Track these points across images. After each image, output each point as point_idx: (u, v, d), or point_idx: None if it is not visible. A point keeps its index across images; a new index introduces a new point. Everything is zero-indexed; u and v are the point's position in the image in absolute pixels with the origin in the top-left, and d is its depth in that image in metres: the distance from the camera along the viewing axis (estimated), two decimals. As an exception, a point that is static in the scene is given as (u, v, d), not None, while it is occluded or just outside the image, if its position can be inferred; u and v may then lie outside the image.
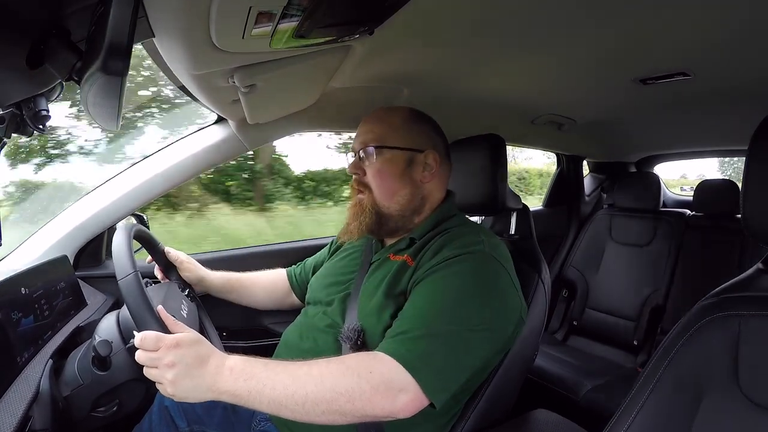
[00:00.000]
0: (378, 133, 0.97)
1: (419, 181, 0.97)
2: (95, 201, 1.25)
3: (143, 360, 0.71)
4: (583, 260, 2.38)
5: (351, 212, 0.99)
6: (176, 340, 0.71)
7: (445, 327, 0.77)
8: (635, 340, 2.06)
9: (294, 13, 0.63)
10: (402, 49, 0.98)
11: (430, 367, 0.73)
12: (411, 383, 0.72)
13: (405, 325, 0.79)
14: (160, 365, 0.70)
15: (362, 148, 0.98)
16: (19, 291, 0.86)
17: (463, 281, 0.82)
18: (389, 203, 0.96)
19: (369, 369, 0.71)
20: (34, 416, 0.71)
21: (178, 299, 0.99)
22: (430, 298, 0.82)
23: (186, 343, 0.72)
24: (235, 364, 0.72)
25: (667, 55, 1.07)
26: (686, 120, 1.84)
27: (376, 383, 0.70)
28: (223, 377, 0.71)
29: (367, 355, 0.76)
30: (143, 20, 0.64)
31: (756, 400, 0.60)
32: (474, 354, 0.79)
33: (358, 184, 0.99)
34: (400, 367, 0.72)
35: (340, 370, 0.72)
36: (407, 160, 0.96)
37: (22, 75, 0.60)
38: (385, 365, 0.72)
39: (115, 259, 0.82)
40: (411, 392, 0.72)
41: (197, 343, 0.73)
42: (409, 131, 0.98)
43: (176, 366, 0.69)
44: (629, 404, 0.70)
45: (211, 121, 1.30)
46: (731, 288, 0.70)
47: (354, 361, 0.73)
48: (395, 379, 0.71)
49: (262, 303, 1.27)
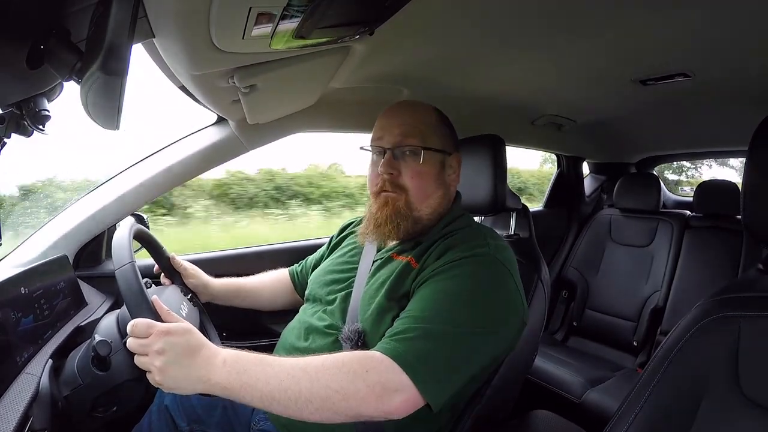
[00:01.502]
0: (419, 131, 0.92)
1: (448, 184, 0.97)
2: (95, 201, 1.25)
3: (134, 347, 0.71)
4: (583, 261, 2.38)
5: (382, 213, 0.92)
6: (167, 328, 0.71)
7: (445, 328, 0.76)
8: (635, 341, 2.06)
9: (294, 14, 0.63)
10: (402, 50, 0.98)
11: (427, 367, 0.72)
12: (407, 383, 0.71)
13: (404, 325, 0.78)
14: (149, 352, 0.69)
15: (401, 146, 0.92)
16: (18, 291, 0.86)
17: (466, 283, 0.81)
18: (421, 206, 0.93)
19: (365, 368, 0.71)
20: (33, 416, 0.71)
21: (178, 300, 0.99)
22: (431, 299, 0.80)
23: (177, 332, 0.71)
24: (228, 357, 0.71)
25: (667, 56, 1.08)
26: (686, 121, 1.84)
27: (372, 382, 0.69)
28: (215, 369, 0.70)
29: (364, 354, 0.75)
30: (143, 20, 0.63)
31: (757, 400, 0.60)
32: (473, 356, 0.78)
33: (392, 185, 0.93)
34: (397, 366, 0.71)
35: (336, 367, 0.71)
36: (441, 163, 0.95)
37: (22, 75, 0.60)
38: (382, 364, 0.72)
39: (114, 250, 0.82)
40: (406, 392, 0.71)
41: (188, 333, 0.72)
42: (443, 132, 0.96)
43: (165, 353, 0.69)
44: (629, 405, 0.70)
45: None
46: (731, 289, 0.70)
47: (350, 360, 0.73)
48: (391, 378, 0.71)
49: (267, 305, 1.27)
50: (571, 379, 1.74)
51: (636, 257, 2.22)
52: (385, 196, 0.93)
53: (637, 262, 2.21)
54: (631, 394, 0.71)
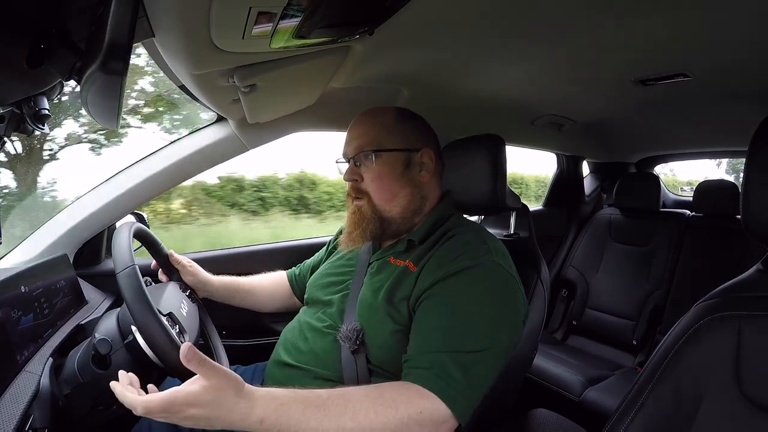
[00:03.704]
0: (372, 136, 0.95)
1: (418, 181, 0.96)
2: (95, 199, 1.25)
3: (158, 417, 0.63)
4: (582, 260, 2.38)
5: (351, 220, 0.97)
6: (186, 400, 0.61)
7: (474, 352, 0.76)
8: (634, 340, 2.07)
9: (294, 14, 0.63)
10: (402, 50, 0.98)
11: (465, 396, 0.73)
12: (450, 415, 0.72)
13: (434, 352, 0.76)
14: (176, 420, 0.63)
15: (357, 153, 0.96)
16: (18, 289, 0.86)
17: (479, 297, 0.81)
18: (390, 206, 0.95)
19: (419, 409, 0.70)
20: (34, 414, 0.71)
21: (178, 298, 0.99)
22: (451, 318, 0.79)
23: (200, 403, 0.62)
24: (265, 416, 0.64)
25: (666, 57, 1.08)
26: (686, 121, 1.84)
27: (425, 422, 0.70)
28: (253, 427, 0.65)
29: (409, 390, 0.73)
30: (143, 20, 0.64)
31: (757, 400, 0.60)
32: (496, 369, 0.80)
33: (356, 191, 0.97)
34: (442, 403, 0.71)
35: (389, 407, 0.69)
36: (404, 161, 0.95)
37: (23, 74, 0.60)
38: (429, 402, 0.71)
39: (115, 253, 0.82)
40: (450, 423, 0.72)
41: (215, 396, 0.62)
42: (402, 131, 0.96)
43: (194, 420, 0.62)
44: (628, 404, 0.70)
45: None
46: (731, 288, 0.70)
47: (395, 396, 0.71)
48: (438, 415, 0.71)
49: (264, 306, 1.27)
50: (571, 378, 1.75)
51: (635, 256, 2.22)
52: (355, 205, 0.97)
53: (636, 261, 2.21)
54: (630, 393, 0.71)
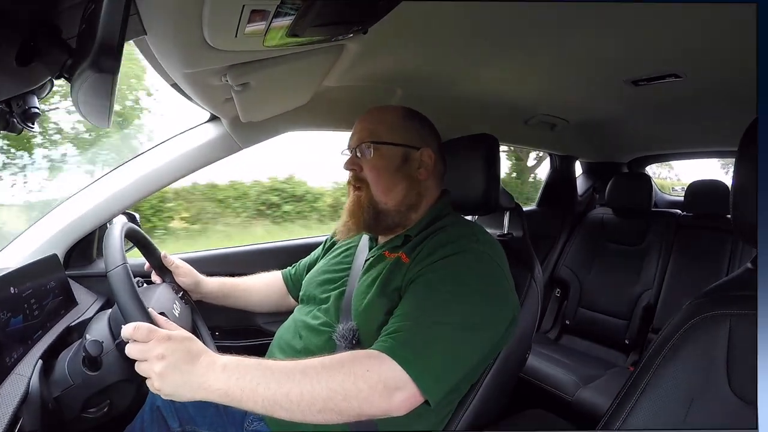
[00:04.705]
0: (374, 129, 0.99)
1: (415, 178, 0.98)
2: (86, 199, 1.23)
3: (134, 353, 0.70)
4: (575, 260, 2.39)
5: (348, 209, 1.00)
6: (168, 334, 0.71)
7: (441, 324, 0.77)
8: (627, 339, 2.08)
9: (287, 12, 0.63)
10: (395, 49, 0.98)
11: (426, 364, 0.73)
12: (407, 381, 0.72)
13: (401, 322, 0.79)
14: (149, 357, 0.69)
15: (358, 144, 0.99)
16: (8, 290, 0.85)
17: (458, 278, 0.82)
18: (386, 199, 0.97)
19: (366, 367, 0.71)
20: (23, 417, 0.71)
21: (170, 299, 0.98)
22: (425, 295, 0.82)
23: (177, 338, 0.71)
24: (228, 363, 0.71)
25: (658, 57, 1.08)
26: (678, 121, 1.86)
27: (373, 382, 0.70)
28: (215, 375, 0.70)
29: (363, 354, 0.75)
30: (135, 18, 0.63)
31: (747, 398, 0.60)
32: (469, 351, 0.79)
33: (356, 179, 0.99)
34: (397, 365, 0.72)
35: (336, 368, 0.71)
36: (402, 157, 0.97)
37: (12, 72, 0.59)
38: (383, 364, 0.72)
39: (106, 251, 0.82)
40: (407, 390, 0.72)
41: (188, 340, 0.73)
42: (404, 128, 0.99)
43: (166, 359, 0.68)
44: (621, 403, 0.70)
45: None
46: (722, 287, 0.71)
47: (350, 360, 0.73)
48: (392, 377, 0.71)
49: (259, 307, 1.27)
50: (564, 377, 1.75)
51: (628, 256, 2.23)
52: (355, 195, 0.99)
53: (629, 260, 2.22)
54: (622, 392, 0.71)
